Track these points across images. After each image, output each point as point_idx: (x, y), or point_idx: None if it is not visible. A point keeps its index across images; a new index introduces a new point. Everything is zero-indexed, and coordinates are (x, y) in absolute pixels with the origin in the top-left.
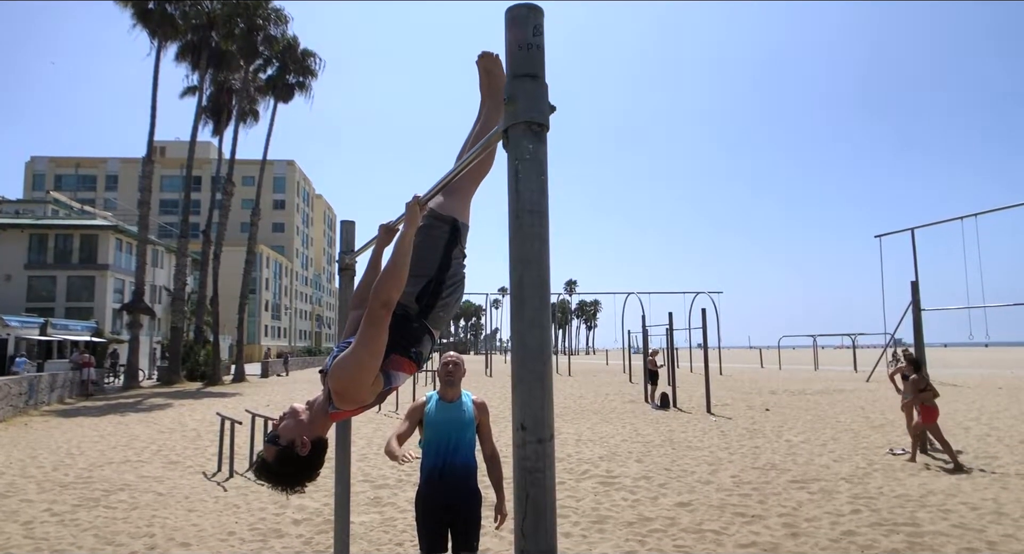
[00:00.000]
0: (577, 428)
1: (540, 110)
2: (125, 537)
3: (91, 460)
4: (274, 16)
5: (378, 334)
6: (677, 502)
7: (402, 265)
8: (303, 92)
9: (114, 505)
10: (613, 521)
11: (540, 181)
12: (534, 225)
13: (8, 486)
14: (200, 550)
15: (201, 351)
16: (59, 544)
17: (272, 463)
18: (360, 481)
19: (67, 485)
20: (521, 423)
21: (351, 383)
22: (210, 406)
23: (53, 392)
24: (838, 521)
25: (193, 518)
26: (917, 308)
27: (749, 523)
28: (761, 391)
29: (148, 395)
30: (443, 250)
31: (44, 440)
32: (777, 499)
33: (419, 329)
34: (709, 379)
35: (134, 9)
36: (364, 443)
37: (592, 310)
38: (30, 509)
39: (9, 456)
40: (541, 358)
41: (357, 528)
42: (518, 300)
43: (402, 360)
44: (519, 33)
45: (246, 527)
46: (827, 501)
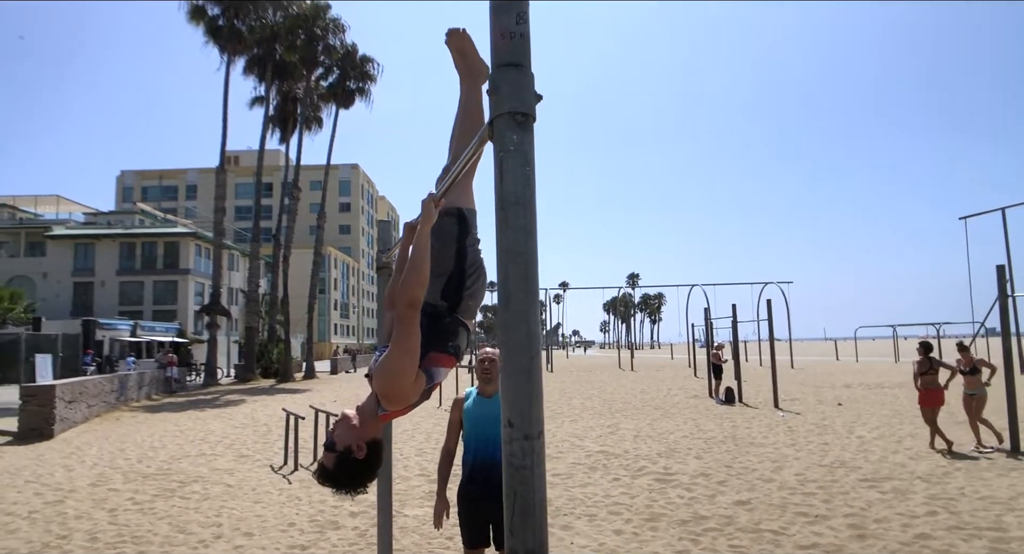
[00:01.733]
0: (636, 424)
1: (524, 100)
2: (196, 526)
3: (171, 453)
4: (332, 25)
5: (410, 334)
6: (735, 500)
7: (422, 262)
8: (363, 97)
9: (188, 496)
10: (667, 519)
11: (525, 172)
12: (519, 217)
13: (99, 476)
14: (261, 540)
15: (274, 350)
16: (138, 530)
17: (332, 469)
18: (417, 475)
19: (148, 476)
20: (508, 419)
21: (393, 385)
22: (281, 402)
23: (141, 389)
24: (911, 523)
25: (258, 509)
26: (1004, 294)
27: (812, 523)
28: (834, 385)
29: (225, 392)
30: (456, 242)
31: (132, 434)
32: (844, 499)
33: (452, 323)
34: (776, 372)
35: (206, 27)
36: (423, 438)
37: (656, 303)
38: (116, 498)
39: (102, 449)
40: (528, 353)
41: (411, 521)
42: (504, 294)
43: (440, 356)
44: (502, 22)
45: (306, 519)
46: (900, 502)
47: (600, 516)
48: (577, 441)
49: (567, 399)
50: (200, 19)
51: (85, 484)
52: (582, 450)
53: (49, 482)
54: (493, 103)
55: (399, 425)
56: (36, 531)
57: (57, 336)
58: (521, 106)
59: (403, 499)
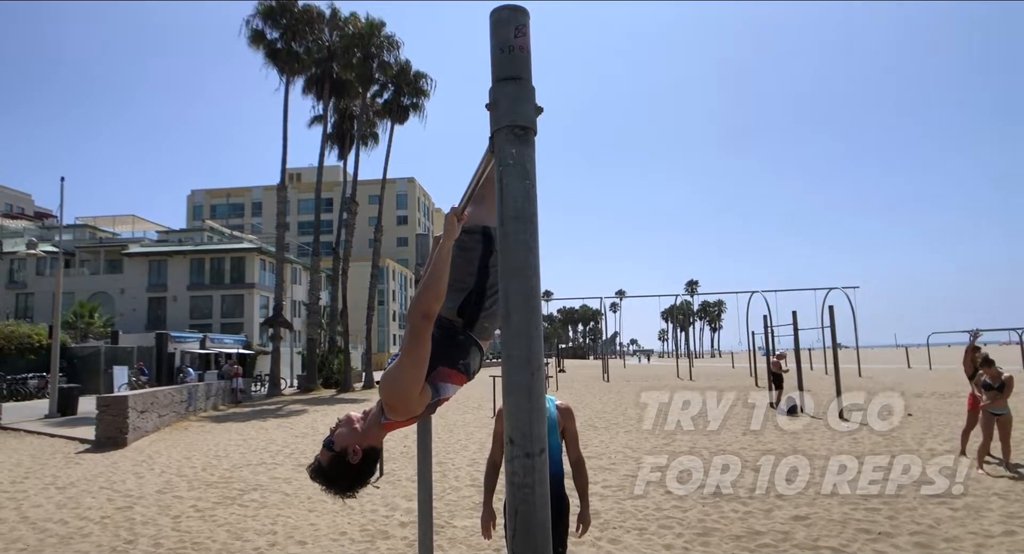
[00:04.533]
0: (693, 435)
1: (522, 113)
2: (252, 534)
3: (233, 461)
4: (387, 42)
5: (419, 345)
6: (793, 515)
7: (439, 276)
8: (417, 112)
9: (247, 504)
10: (719, 534)
11: (524, 186)
12: (520, 232)
13: (166, 484)
14: (313, 549)
15: (334, 361)
16: (198, 537)
17: (325, 467)
18: (467, 485)
19: (211, 484)
20: (510, 437)
21: (398, 394)
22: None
23: (208, 400)
24: (985, 543)
25: (312, 518)
26: None
27: (874, 541)
28: (905, 394)
29: (288, 402)
30: (479, 260)
31: (198, 443)
32: (911, 515)
33: (465, 341)
34: (840, 382)
35: (265, 50)
36: (476, 448)
37: (716, 311)
38: (180, 505)
39: (170, 457)
40: (529, 369)
41: (459, 532)
42: (505, 310)
43: (450, 372)
44: (501, 35)
45: (357, 528)
46: (973, 520)
47: (650, 530)
48: (631, 452)
49: (622, 410)
50: (260, 43)
51: (153, 491)
52: (635, 462)
53: (120, 489)
54: (492, 118)
55: (452, 435)
56: (106, 536)
57: (133, 349)
58: (519, 119)
59: (453, 510)
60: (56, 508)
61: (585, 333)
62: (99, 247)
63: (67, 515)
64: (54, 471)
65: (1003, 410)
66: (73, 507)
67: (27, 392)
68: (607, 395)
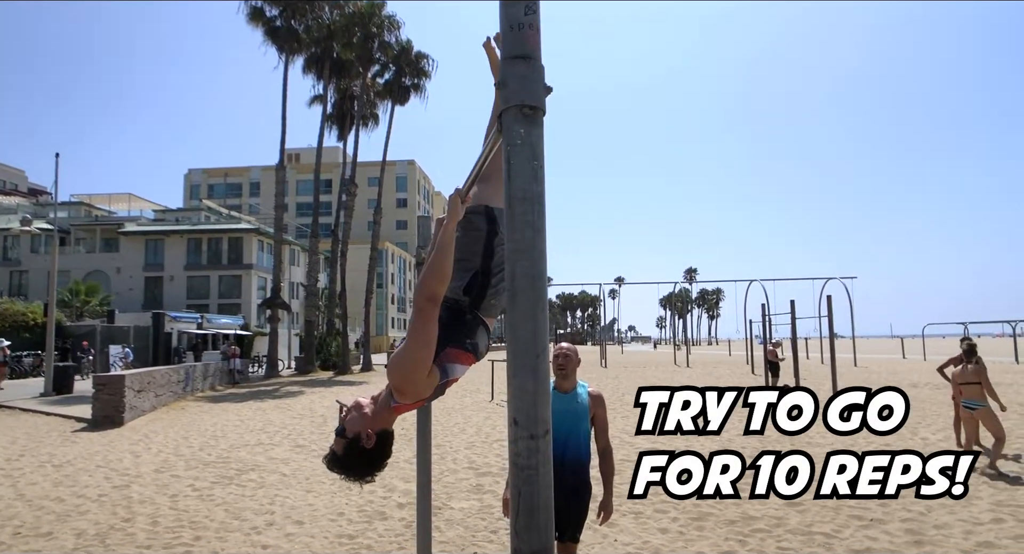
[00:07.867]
0: None
1: (532, 92)
2: (250, 513)
3: (231, 442)
4: (388, 22)
5: (425, 327)
6: (787, 501)
7: (444, 257)
8: (418, 93)
9: (244, 484)
10: (714, 519)
11: (532, 167)
12: (527, 213)
13: (163, 463)
14: (311, 528)
15: (332, 343)
16: (196, 516)
17: (341, 455)
18: (465, 468)
19: (209, 464)
20: (514, 418)
21: (407, 377)
22: (338, 394)
23: (206, 380)
24: (973, 530)
25: (310, 498)
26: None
27: (866, 527)
28: (900, 384)
29: (285, 383)
30: (484, 240)
31: (195, 423)
32: (902, 502)
33: (472, 321)
34: (835, 371)
35: (264, 28)
36: (474, 431)
37: (714, 299)
38: (177, 484)
39: (167, 437)
40: (534, 351)
41: (456, 514)
42: (511, 291)
43: (458, 352)
44: (511, 13)
45: (355, 509)
46: (963, 507)
47: (646, 514)
48: (627, 437)
49: (619, 395)
50: (259, 21)
51: (150, 470)
52: (632, 446)
53: (117, 467)
54: (501, 97)
55: (450, 418)
56: (104, 514)
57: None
58: (529, 99)
59: (450, 492)
60: (53, 486)
61: (584, 319)
62: (95, 225)
63: (64, 493)
64: (50, 449)
65: (975, 402)
66: (70, 485)
67: (22, 370)
68: (604, 380)
